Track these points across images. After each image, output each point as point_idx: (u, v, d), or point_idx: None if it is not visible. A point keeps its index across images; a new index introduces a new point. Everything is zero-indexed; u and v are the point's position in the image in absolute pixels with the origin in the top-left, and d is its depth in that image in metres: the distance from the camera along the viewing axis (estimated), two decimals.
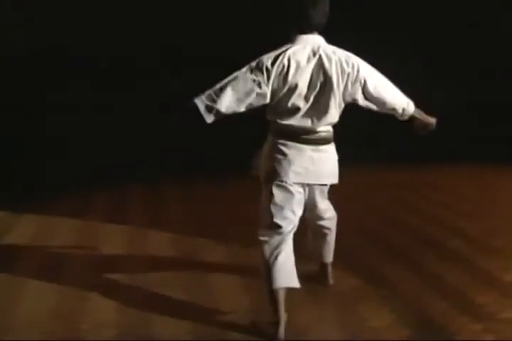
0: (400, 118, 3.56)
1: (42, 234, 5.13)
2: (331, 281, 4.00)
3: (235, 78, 3.16)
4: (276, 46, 3.28)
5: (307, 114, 3.27)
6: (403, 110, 3.49)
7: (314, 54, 3.23)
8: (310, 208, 3.60)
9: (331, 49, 3.29)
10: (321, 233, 3.84)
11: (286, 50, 3.23)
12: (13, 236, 5.10)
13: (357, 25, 7.60)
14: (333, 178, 3.52)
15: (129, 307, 3.70)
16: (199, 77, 4.83)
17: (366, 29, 7.68)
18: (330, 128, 3.42)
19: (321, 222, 3.78)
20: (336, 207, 3.87)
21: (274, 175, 3.32)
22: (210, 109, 3.15)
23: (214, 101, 3.15)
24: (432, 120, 3.60)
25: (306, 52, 3.23)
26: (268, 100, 3.22)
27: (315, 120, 3.29)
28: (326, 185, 3.56)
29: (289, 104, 3.24)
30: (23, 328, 3.48)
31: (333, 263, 4.09)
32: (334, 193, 3.78)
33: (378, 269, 4.28)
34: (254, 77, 3.15)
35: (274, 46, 3.28)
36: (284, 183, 3.32)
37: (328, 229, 3.83)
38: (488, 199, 6.15)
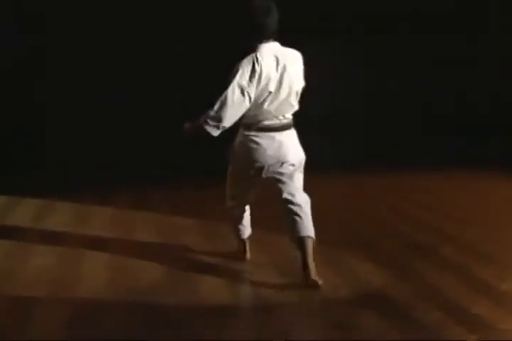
0: None
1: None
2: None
3: (228, 97, 3.69)
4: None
5: (277, 112, 3.87)
6: None
7: (278, 62, 3.77)
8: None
9: (289, 52, 3.88)
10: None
11: (257, 62, 3.72)
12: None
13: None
14: (301, 157, 4.02)
15: None
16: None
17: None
18: (291, 116, 3.99)
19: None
20: (324, 213, 3.84)
21: (253, 162, 3.91)
22: (217, 127, 3.76)
23: (220, 121, 3.72)
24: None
25: (273, 62, 3.76)
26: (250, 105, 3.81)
27: (284, 115, 3.92)
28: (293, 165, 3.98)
29: (264, 108, 3.82)
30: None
31: (323, 271, 4.03)
32: (321, 199, 3.77)
33: (368, 277, 4.15)
34: (243, 93, 3.71)
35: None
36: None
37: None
38: (479, 205, 6.05)
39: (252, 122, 3.89)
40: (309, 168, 7.09)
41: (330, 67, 7.47)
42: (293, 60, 3.87)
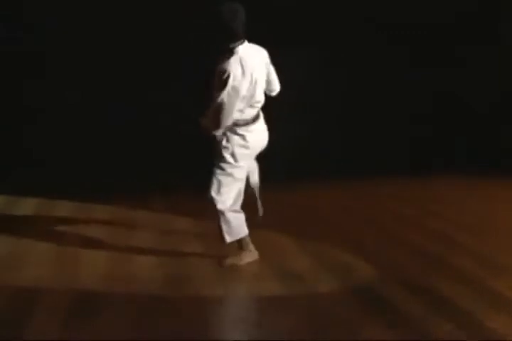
0: (271, 94, 4.51)
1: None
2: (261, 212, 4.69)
3: (226, 101, 4.05)
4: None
5: (252, 107, 4.24)
6: (275, 90, 4.51)
7: (255, 62, 4.16)
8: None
9: (256, 49, 4.25)
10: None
11: (240, 64, 4.06)
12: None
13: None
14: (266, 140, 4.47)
15: None
16: None
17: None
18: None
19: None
20: (329, 220, 4.40)
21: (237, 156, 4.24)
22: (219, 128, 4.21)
23: (219, 125, 4.15)
24: None
25: (251, 61, 4.11)
26: None
27: (256, 109, 4.28)
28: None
29: (241, 106, 4.17)
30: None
31: (328, 278, 4.01)
32: (327, 206, 4.22)
33: (378, 288, 4.00)
34: (238, 94, 4.07)
35: None
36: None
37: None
38: (490, 214, 5.81)
39: (237, 118, 4.22)
40: (313, 175, 6.92)
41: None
42: (260, 57, 4.26)
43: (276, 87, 4.49)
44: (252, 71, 4.11)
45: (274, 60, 4.38)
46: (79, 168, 7.38)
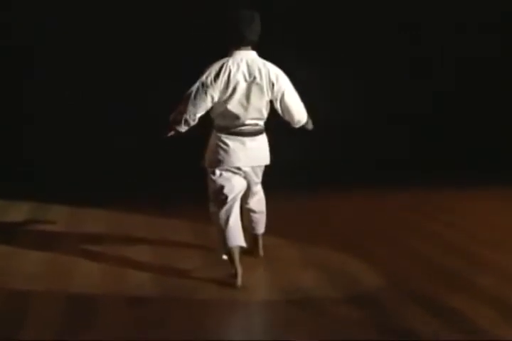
0: (293, 125, 4.40)
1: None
2: (262, 252, 4.66)
3: (192, 95, 3.99)
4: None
5: (245, 116, 4.11)
6: (298, 122, 4.35)
7: (250, 72, 4.03)
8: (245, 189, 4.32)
9: (261, 62, 4.11)
10: (248, 213, 4.52)
11: (226, 66, 4.01)
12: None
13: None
14: (265, 160, 4.31)
15: None
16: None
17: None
18: (261, 122, 4.23)
19: (248, 206, 4.48)
20: (337, 230, 4.24)
21: (221, 162, 4.14)
22: (180, 122, 4.05)
23: (182, 113, 4.03)
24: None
25: (244, 69, 4.03)
26: (212, 104, 4.07)
27: (251, 119, 4.13)
28: (260, 166, 4.31)
29: (231, 111, 4.08)
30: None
31: (333, 290, 4.02)
32: (333, 218, 4.32)
33: (392, 307, 3.81)
34: (206, 92, 3.97)
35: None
36: (228, 167, 4.16)
37: (254, 211, 4.52)
38: (499, 223, 5.61)
39: (222, 125, 4.16)
40: (324, 184, 6.87)
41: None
42: (265, 72, 4.08)
43: (295, 118, 4.31)
44: (237, 79, 4.00)
45: (276, 62, 4.25)
46: (78, 168, 7.37)
